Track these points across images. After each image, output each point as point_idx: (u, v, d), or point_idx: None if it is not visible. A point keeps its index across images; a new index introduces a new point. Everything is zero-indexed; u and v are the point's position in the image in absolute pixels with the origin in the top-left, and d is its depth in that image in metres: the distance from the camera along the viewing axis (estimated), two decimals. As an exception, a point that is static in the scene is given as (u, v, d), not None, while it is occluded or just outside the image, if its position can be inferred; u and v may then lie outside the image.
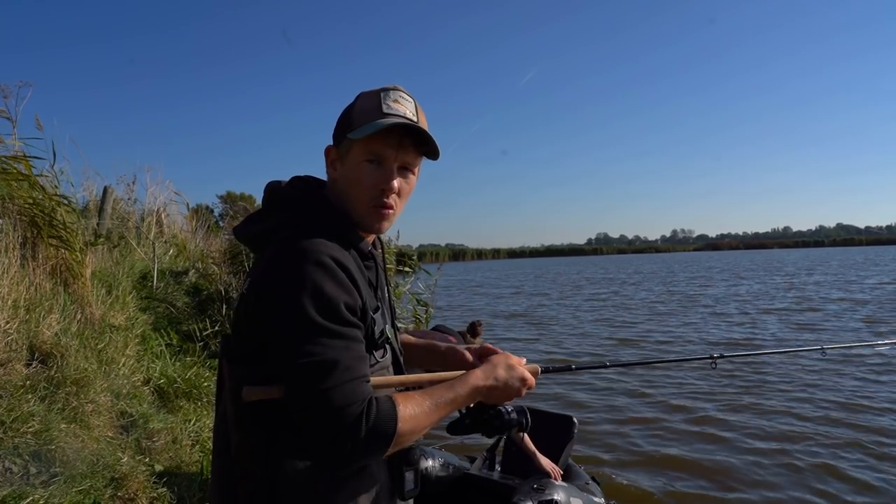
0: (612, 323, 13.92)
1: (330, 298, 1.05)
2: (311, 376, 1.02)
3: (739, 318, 13.82)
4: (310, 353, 1.02)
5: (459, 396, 1.20)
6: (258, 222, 1.24)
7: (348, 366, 1.04)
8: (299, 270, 1.05)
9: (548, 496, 2.83)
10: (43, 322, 3.59)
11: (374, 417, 1.03)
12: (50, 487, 2.50)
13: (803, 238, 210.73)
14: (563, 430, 3.49)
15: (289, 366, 1.03)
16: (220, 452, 1.19)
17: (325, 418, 1.01)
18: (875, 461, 4.85)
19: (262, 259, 1.16)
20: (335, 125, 1.25)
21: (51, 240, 4.23)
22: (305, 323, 1.03)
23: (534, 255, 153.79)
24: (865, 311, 14.07)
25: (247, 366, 1.11)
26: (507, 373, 1.28)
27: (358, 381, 1.05)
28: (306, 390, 1.02)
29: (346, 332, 1.07)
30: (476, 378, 1.24)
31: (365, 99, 1.22)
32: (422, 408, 1.12)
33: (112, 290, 4.84)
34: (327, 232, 1.14)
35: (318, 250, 1.08)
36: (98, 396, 3.36)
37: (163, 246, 7.32)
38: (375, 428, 1.03)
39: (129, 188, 7.92)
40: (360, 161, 1.19)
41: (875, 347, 2.38)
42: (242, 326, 1.14)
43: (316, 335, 1.03)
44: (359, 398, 1.03)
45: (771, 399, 6.72)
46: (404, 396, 1.12)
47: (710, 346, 10.12)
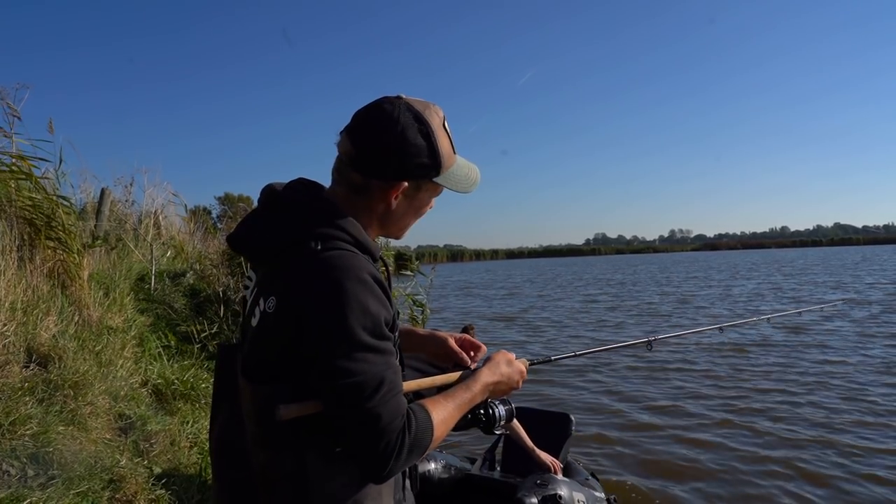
0: (605, 325, 13.95)
1: (374, 316, 1.06)
2: (359, 394, 1.03)
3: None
4: (358, 371, 1.04)
5: (476, 395, 1.27)
6: (265, 231, 1.17)
7: (392, 381, 1.07)
8: (343, 289, 1.05)
9: (551, 491, 2.85)
10: (40, 324, 3.59)
11: (414, 429, 1.07)
12: (48, 490, 2.50)
13: (801, 238, 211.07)
14: (561, 428, 3.52)
15: (337, 383, 1.04)
16: (229, 468, 1.20)
17: (372, 434, 1.03)
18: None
19: (289, 274, 1.11)
20: (402, 151, 1.16)
21: (49, 241, 4.23)
22: (353, 342, 1.04)
23: (532, 256, 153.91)
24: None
25: (273, 384, 1.10)
26: (509, 368, 1.37)
27: (399, 396, 1.08)
28: (355, 408, 1.03)
29: (386, 347, 1.09)
30: (485, 375, 1.31)
31: (443, 137, 1.21)
32: (448, 411, 1.18)
33: (110, 292, 4.83)
34: (355, 243, 1.14)
35: (358, 266, 1.09)
36: (96, 398, 3.36)
37: (160, 248, 7.31)
38: (416, 439, 1.08)
39: (127, 190, 7.91)
40: (428, 202, 1.28)
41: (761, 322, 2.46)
42: (268, 344, 1.12)
43: (363, 353, 1.05)
44: (401, 412, 1.07)
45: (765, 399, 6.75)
46: (433, 403, 1.17)
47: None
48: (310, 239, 1.11)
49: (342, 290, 1.04)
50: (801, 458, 4.95)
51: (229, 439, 1.22)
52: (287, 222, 1.15)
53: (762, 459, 4.98)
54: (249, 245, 1.21)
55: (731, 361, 8.76)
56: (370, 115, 1.18)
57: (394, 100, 1.19)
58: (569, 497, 2.91)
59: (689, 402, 6.76)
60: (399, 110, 1.17)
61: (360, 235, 1.16)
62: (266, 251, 1.17)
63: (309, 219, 1.14)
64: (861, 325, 11.60)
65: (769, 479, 4.61)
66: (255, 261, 1.25)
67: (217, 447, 1.27)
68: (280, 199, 1.20)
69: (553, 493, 2.85)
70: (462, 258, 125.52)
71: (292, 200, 1.18)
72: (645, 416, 6.34)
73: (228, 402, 1.24)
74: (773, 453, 5.12)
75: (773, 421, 5.99)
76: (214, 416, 1.30)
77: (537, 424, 3.57)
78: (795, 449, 5.18)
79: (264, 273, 1.20)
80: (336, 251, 1.10)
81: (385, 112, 1.16)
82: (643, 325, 13.50)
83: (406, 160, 1.16)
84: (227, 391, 1.25)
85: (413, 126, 1.16)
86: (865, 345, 9.68)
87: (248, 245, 1.22)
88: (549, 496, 2.83)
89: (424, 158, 1.18)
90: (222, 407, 1.27)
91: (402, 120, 1.16)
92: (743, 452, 5.14)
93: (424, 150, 1.17)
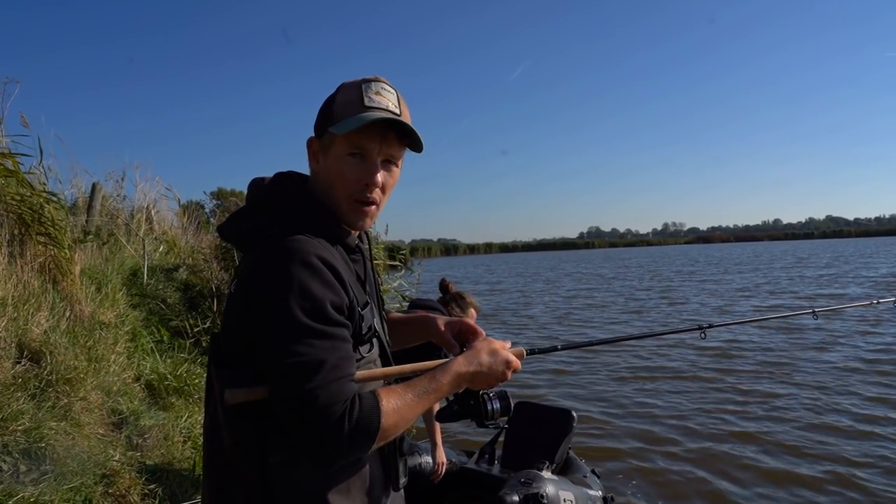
0: (589, 323, 13.99)
1: (316, 299, 1.05)
2: (296, 376, 1.02)
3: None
4: (296, 353, 1.03)
5: (442, 385, 1.19)
6: (243, 220, 1.21)
7: (334, 365, 1.04)
8: (286, 271, 1.05)
9: (535, 489, 2.83)
10: (32, 320, 3.57)
11: (356, 415, 1.04)
12: (40, 485, 2.49)
13: (793, 230, 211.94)
14: (562, 424, 3.50)
15: (275, 366, 1.04)
16: (212, 452, 1.20)
17: (310, 418, 1.01)
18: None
19: (250, 259, 1.15)
20: (317, 116, 1.24)
21: (39, 237, 4.20)
22: (292, 324, 1.03)
23: (526, 250, 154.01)
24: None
25: (232, 368, 1.11)
26: (491, 357, 1.26)
27: (343, 381, 1.05)
28: (292, 390, 1.02)
29: (332, 331, 1.07)
30: (458, 365, 1.23)
31: (346, 91, 1.20)
32: (404, 400, 1.12)
33: (102, 288, 4.81)
34: (314, 229, 1.14)
35: (305, 250, 1.08)
36: (88, 394, 3.35)
37: (153, 242, 7.26)
38: (359, 425, 1.04)
39: (118, 185, 7.85)
40: (342, 155, 1.18)
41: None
42: (231, 327, 1.14)
43: (303, 336, 1.04)
44: (343, 397, 1.03)
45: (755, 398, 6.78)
46: (387, 391, 1.12)
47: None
48: (273, 225, 1.13)
49: (284, 273, 1.05)
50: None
51: (211, 426, 1.22)
52: (260, 211, 1.19)
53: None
54: (230, 234, 1.24)
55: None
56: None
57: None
58: (554, 496, 2.88)
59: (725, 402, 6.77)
60: (338, 90, 1.23)
61: (323, 219, 1.18)
62: (242, 238, 1.20)
63: (278, 206, 1.17)
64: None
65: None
66: (239, 249, 1.28)
67: (204, 434, 1.28)
68: (260, 190, 1.23)
69: (536, 492, 2.81)
70: (456, 252, 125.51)
71: (270, 191, 1.22)
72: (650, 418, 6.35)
73: (209, 390, 1.25)
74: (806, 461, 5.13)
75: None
76: (207, 404, 1.30)
77: (538, 419, 3.57)
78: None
79: (242, 259, 1.24)
80: (290, 237, 1.10)
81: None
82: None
83: (316, 123, 1.23)
84: (210, 379, 1.25)
85: (338, 92, 1.22)
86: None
87: (229, 234, 1.25)
88: (531, 495, 2.79)
89: (325, 113, 1.22)
90: (210, 394, 1.27)
91: (336, 91, 1.23)
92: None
93: (326, 108, 1.22)
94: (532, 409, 3.70)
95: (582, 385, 7.42)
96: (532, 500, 2.80)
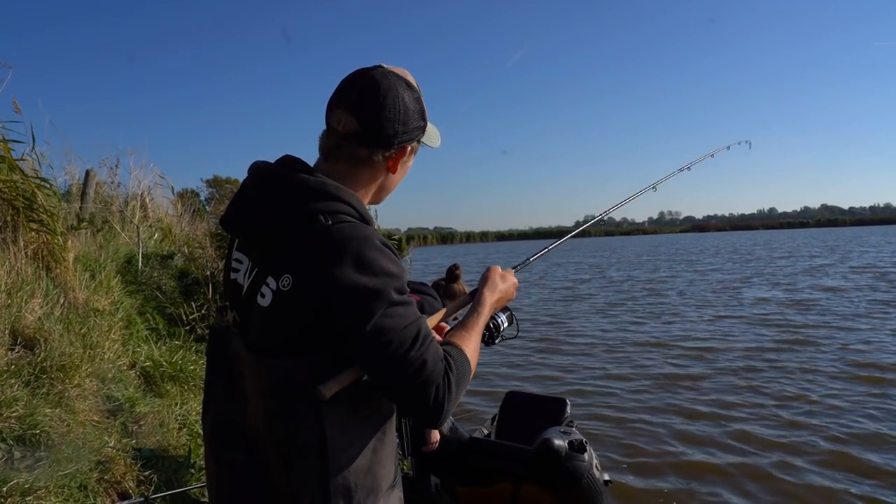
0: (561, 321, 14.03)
1: (397, 276, 1.12)
2: (403, 347, 1.07)
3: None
4: (397, 326, 1.08)
5: (484, 316, 1.35)
6: (263, 209, 1.17)
7: (426, 329, 1.13)
8: (365, 257, 1.09)
9: (576, 437, 2.93)
10: (25, 306, 3.56)
11: (455, 367, 1.13)
12: (35, 471, 2.49)
13: (788, 219, 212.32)
14: (555, 413, 3.51)
15: (380, 342, 1.07)
16: (234, 449, 1.19)
17: (423, 382, 1.07)
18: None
19: (304, 250, 1.11)
20: (404, 119, 1.22)
21: (31, 224, 4.17)
22: (387, 302, 1.08)
23: (522, 238, 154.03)
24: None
25: (291, 358, 1.11)
26: (504, 282, 1.45)
27: (434, 341, 1.13)
28: (402, 361, 1.07)
29: (411, 300, 1.14)
30: (487, 296, 1.39)
31: (421, 100, 1.27)
32: (473, 341, 1.26)
33: (96, 275, 4.78)
34: (358, 216, 1.17)
35: (372, 234, 1.13)
36: (83, 381, 3.34)
37: (148, 230, 7.23)
38: (460, 375, 1.14)
39: (112, 172, 7.80)
40: (409, 163, 1.32)
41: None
42: (286, 322, 1.12)
43: (396, 309, 1.09)
44: (440, 355, 1.12)
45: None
46: (458, 337, 1.25)
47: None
48: (318, 214, 1.12)
49: (364, 259, 1.09)
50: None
51: (228, 421, 1.21)
52: (290, 200, 1.15)
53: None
54: (247, 225, 1.20)
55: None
56: (367, 88, 1.19)
57: (381, 70, 1.22)
58: (588, 448, 2.97)
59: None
60: (392, 80, 1.20)
61: (361, 208, 1.19)
62: (267, 231, 1.17)
63: (311, 195, 1.15)
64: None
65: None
66: (251, 241, 1.22)
67: (214, 430, 1.25)
68: (276, 177, 1.19)
69: (579, 438, 2.92)
70: (452, 241, 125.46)
71: (289, 178, 1.17)
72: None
73: (224, 384, 1.23)
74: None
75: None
76: (208, 401, 1.28)
77: (532, 408, 3.58)
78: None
79: (264, 253, 1.18)
80: (345, 223, 1.13)
81: (381, 84, 1.19)
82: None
83: (407, 127, 1.22)
84: (223, 373, 1.24)
85: (408, 93, 1.22)
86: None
87: (245, 226, 1.21)
88: (576, 440, 2.90)
89: (419, 121, 1.25)
90: (218, 390, 1.25)
91: (399, 90, 1.21)
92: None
93: (418, 114, 1.24)
94: (524, 398, 3.72)
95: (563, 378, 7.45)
96: (577, 445, 2.89)
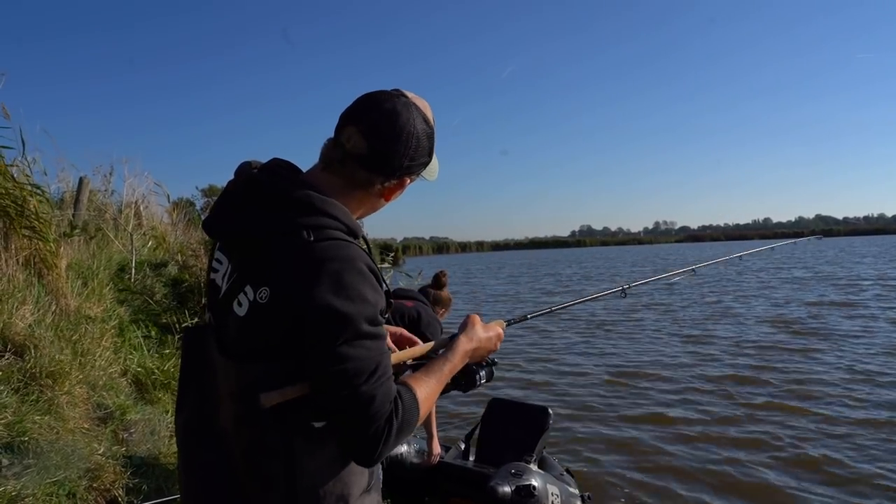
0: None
1: (371, 305, 1.08)
2: (356, 378, 1.05)
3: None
4: (354, 357, 1.05)
5: (454, 365, 1.30)
6: (246, 217, 1.15)
7: (386, 366, 1.10)
8: (343, 281, 1.06)
9: (525, 481, 2.83)
10: (16, 313, 3.53)
11: (402, 411, 1.10)
12: (23, 479, 2.46)
13: (783, 229, 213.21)
14: (538, 421, 3.49)
15: (332, 369, 1.05)
16: (205, 450, 1.18)
17: (364, 418, 1.05)
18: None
19: (283, 265, 1.09)
20: (413, 155, 1.20)
21: (23, 230, 4.15)
22: (354, 331, 1.06)
23: (518, 248, 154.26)
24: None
25: (262, 363, 1.10)
26: (485, 332, 1.39)
27: (391, 380, 1.11)
28: (350, 392, 1.05)
29: (381, 332, 1.11)
30: (463, 343, 1.33)
31: (432, 138, 1.25)
32: (431, 387, 1.22)
33: (88, 282, 4.76)
34: (346, 230, 1.15)
35: (356, 257, 1.10)
36: (73, 388, 3.32)
37: (141, 238, 7.20)
38: (405, 421, 1.10)
39: (106, 179, 7.77)
40: (402, 193, 1.28)
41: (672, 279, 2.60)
42: (260, 332, 1.11)
43: (362, 340, 1.07)
44: (392, 396, 1.09)
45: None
46: (416, 381, 1.20)
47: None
48: (301, 229, 1.09)
49: (343, 283, 1.06)
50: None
51: (201, 421, 1.19)
52: (274, 211, 1.12)
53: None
54: (230, 232, 1.19)
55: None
56: (386, 116, 1.17)
57: (404, 100, 1.19)
58: (542, 489, 2.88)
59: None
60: (412, 114, 1.19)
61: (349, 220, 1.16)
62: (248, 238, 1.15)
63: (296, 208, 1.12)
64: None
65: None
66: (233, 247, 1.20)
67: (186, 430, 1.24)
68: (261, 185, 1.16)
69: (527, 483, 2.82)
70: (447, 250, 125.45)
71: (273, 185, 1.15)
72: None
73: (198, 385, 1.22)
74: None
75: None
76: (182, 400, 1.26)
77: (514, 417, 3.56)
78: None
79: (244, 259, 1.16)
80: (330, 241, 1.10)
81: (400, 115, 1.17)
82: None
83: (414, 162, 1.21)
84: (197, 373, 1.22)
85: (423, 129, 1.20)
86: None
87: (228, 232, 1.19)
88: (522, 486, 2.80)
89: (426, 157, 1.24)
90: (191, 390, 1.24)
91: (417, 124, 1.19)
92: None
93: (427, 151, 1.23)
94: (508, 406, 3.70)
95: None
96: (524, 492, 2.80)
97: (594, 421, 5.82)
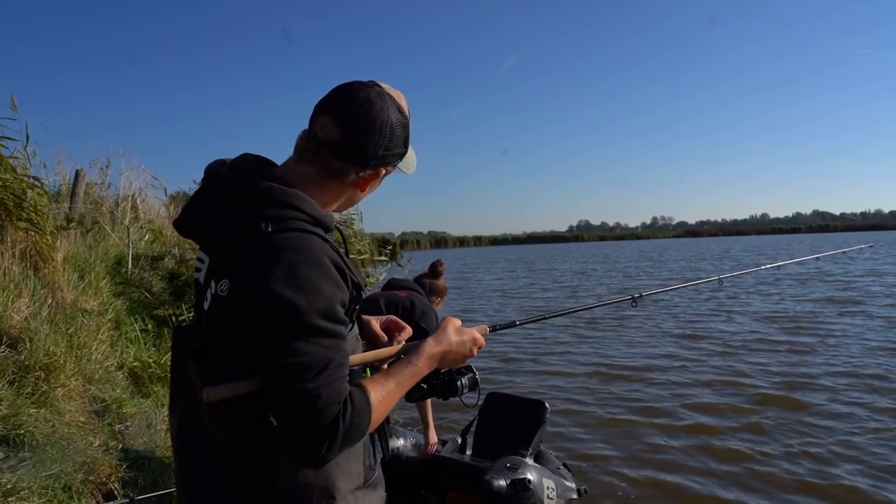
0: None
1: (328, 299, 1.06)
2: (303, 374, 1.03)
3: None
4: (305, 352, 1.03)
5: (419, 368, 1.24)
6: (210, 214, 1.14)
7: (339, 364, 1.07)
8: (297, 273, 1.04)
9: (521, 475, 2.83)
10: (12, 305, 3.53)
11: (350, 414, 1.06)
12: (18, 472, 2.46)
13: (780, 225, 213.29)
14: (535, 415, 3.49)
15: (279, 364, 1.03)
16: (194, 447, 1.19)
17: (309, 416, 1.03)
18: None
19: (241, 257, 1.09)
20: (388, 144, 1.19)
21: (20, 223, 4.14)
22: (306, 325, 1.04)
23: (516, 243, 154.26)
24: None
25: (221, 364, 1.09)
26: (458, 336, 1.32)
27: (343, 380, 1.08)
28: (295, 389, 1.02)
29: (338, 330, 1.08)
30: (430, 346, 1.27)
31: (407, 129, 1.23)
32: (387, 390, 1.16)
33: (85, 275, 4.75)
34: (311, 220, 1.12)
35: (314, 249, 1.08)
36: (69, 381, 3.31)
37: (138, 231, 7.18)
38: (352, 423, 1.07)
39: (103, 172, 7.74)
40: (379, 185, 1.27)
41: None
42: (221, 327, 1.11)
43: (313, 335, 1.04)
44: (341, 397, 1.06)
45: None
46: (372, 383, 1.16)
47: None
48: (260, 221, 1.08)
49: (297, 274, 1.04)
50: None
51: (193, 419, 1.20)
52: (234, 206, 1.12)
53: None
54: (197, 230, 1.19)
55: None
56: (359, 104, 1.16)
57: (378, 90, 1.19)
58: (538, 483, 2.89)
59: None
60: (386, 103, 1.18)
61: (315, 211, 1.14)
62: (217, 235, 1.15)
63: (258, 201, 1.10)
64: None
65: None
66: (210, 245, 1.20)
67: (180, 427, 1.24)
68: (226, 181, 1.15)
69: (522, 477, 2.82)
70: (446, 245, 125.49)
71: (238, 181, 1.14)
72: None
73: (188, 383, 1.22)
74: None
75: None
76: (175, 398, 1.27)
77: (511, 410, 3.56)
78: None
79: (215, 256, 1.17)
80: (289, 233, 1.08)
81: (374, 104, 1.16)
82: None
83: (389, 152, 1.19)
84: (184, 372, 1.22)
85: (397, 119, 1.19)
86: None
87: (195, 230, 1.19)
88: (518, 480, 2.80)
89: (401, 148, 1.22)
90: (182, 388, 1.24)
91: (391, 113, 1.18)
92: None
93: (402, 141, 1.21)
94: (504, 399, 3.70)
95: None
96: (519, 485, 2.80)
97: (591, 416, 5.82)
